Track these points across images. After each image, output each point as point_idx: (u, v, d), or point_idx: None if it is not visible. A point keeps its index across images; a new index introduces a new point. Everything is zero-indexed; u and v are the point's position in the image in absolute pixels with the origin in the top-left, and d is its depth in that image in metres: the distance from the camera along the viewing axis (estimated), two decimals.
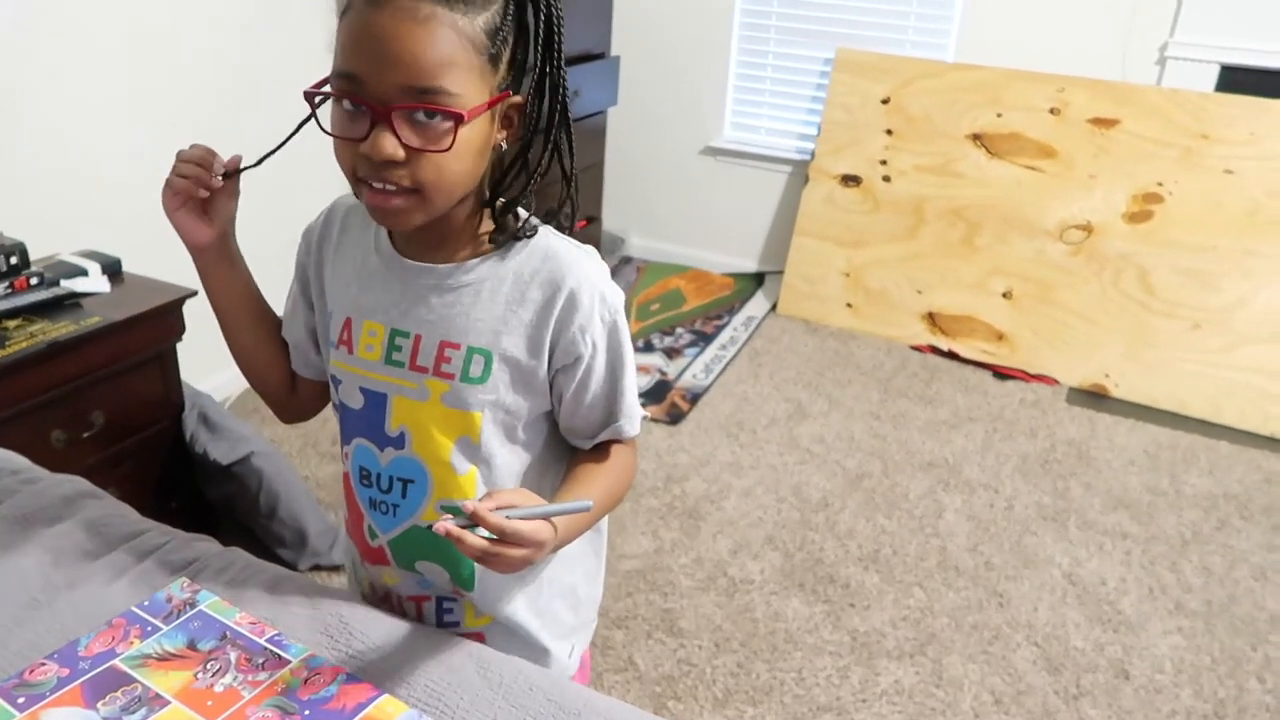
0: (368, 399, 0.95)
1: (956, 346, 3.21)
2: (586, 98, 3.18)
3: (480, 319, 0.91)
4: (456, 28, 0.77)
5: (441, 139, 0.79)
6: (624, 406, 0.97)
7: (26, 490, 1.19)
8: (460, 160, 0.82)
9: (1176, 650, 1.97)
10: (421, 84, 0.77)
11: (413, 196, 0.82)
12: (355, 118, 0.80)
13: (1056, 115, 3.09)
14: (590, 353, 0.92)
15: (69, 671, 0.85)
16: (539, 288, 0.91)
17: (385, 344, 0.94)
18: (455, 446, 0.94)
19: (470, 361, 0.91)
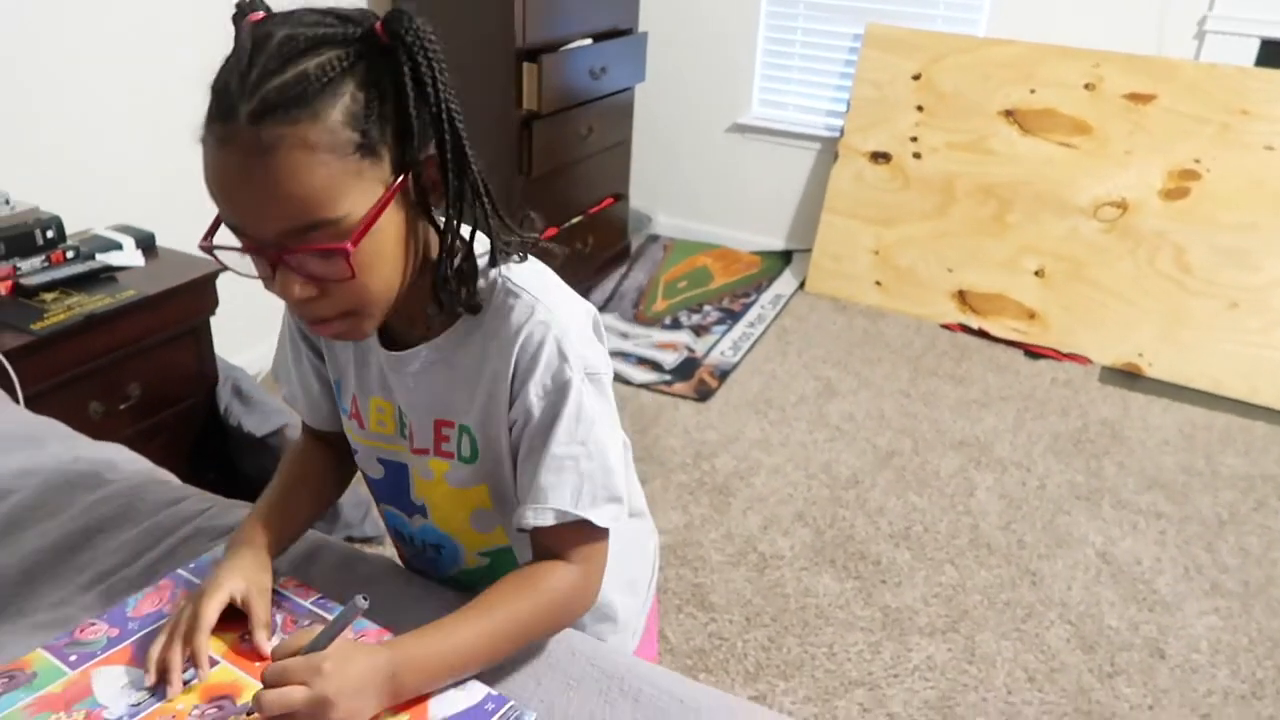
0: (387, 469, 0.95)
1: (987, 325, 3.17)
2: (613, 74, 3.16)
3: (460, 395, 0.86)
4: (310, 142, 0.67)
5: (340, 270, 0.72)
6: (534, 490, 0.83)
7: (68, 458, 1.20)
8: (376, 270, 0.74)
9: (1213, 630, 1.95)
10: (296, 225, 0.69)
11: (350, 317, 0.77)
12: (257, 260, 0.73)
13: (1091, 91, 3.04)
14: (524, 421, 0.84)
15: (118, 631, 0.86)
16: (496, 353, 0.83)
17: (396, 420, 0.91)
18: (470, 518, 0.94)
19: (461, 440, 0.88)
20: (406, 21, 0.70)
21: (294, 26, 0.70)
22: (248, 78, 0.68)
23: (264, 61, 0.68)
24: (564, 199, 3.17)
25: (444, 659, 0.79)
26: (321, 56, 0.68)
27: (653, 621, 1.18)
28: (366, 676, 0.74)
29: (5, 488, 1.12)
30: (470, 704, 0.79)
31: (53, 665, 0.81)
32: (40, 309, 1.71)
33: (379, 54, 0.70)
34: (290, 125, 0.67)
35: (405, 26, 0.70)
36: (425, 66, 0.71)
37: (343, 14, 0.72)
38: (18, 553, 1.02)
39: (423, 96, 0.71)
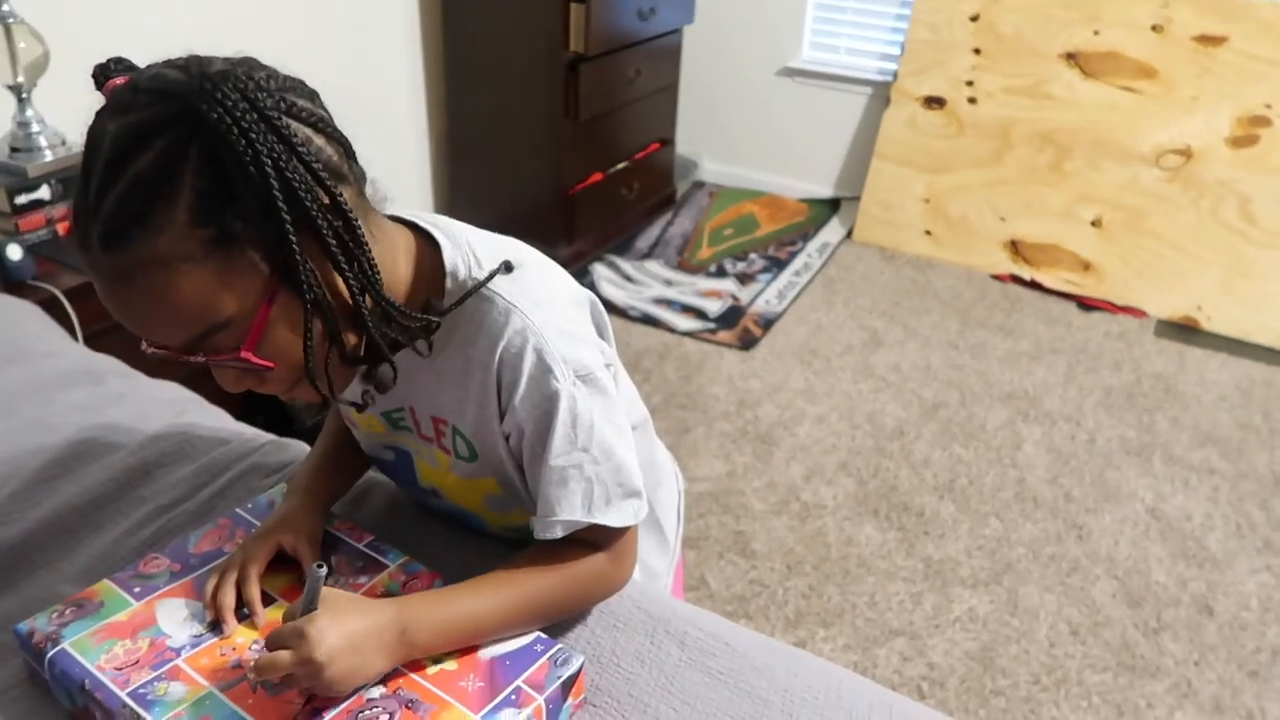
0: (396, 453, 0.94)
1: (1040, 276, 3.11)
2: (662, 15, 3.09)
3: (448, 397, 0.83)
4: (163, 258, 0.62)
5: (252, 369, 0.69)
6: (540, 505, 0.81)
7: (128, 394, 1.23)
8: (292, 354, 0.69)
9: (1264, 588, 1.92)
10: (189, 337, 0.66)
11: (302, 385, 0.73)
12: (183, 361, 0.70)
13: (1159, 33, 2.92)
14: (518, 437, 0.81)
15: (180, 566, 0.88)
16: (477, 364, 0.79)
17: (383, 421, 0.90)
18: (484, 500, 0.93)
19: (456, 441, 0.86)
20: (213, 92, 0.62)
21: (124, 115, 0.64)
22: (88, 195, 0.63)
23: (100, 170, 0.63)
24: (610, 143, 3.14)
25: (457, 624, 0.78)
26: (151, 151, 0.62)
27: (679, 571, 1.19)
28: (361, 634, 0.73)
29: (69, 422, 1.15)
30: (520, 645, 0.81)
31: (119, 595, 0.84)
32: None
33: (205, 128, 0.62)
34: (137, 247, 0.62)
35: (211, 100, 0.61)
36: (244, 144, 0.62)
37: (163, 86, 0.64)
38: (81, 484, 1.05)
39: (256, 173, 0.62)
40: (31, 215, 1.73)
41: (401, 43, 2.84)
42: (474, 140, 3.06)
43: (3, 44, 1.69)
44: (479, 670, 0.78)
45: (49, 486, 1.05)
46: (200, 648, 0.79)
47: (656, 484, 1.07)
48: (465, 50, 2.92)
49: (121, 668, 0.77)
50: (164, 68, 0.66)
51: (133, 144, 0.62)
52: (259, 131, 0.62)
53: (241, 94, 0.63)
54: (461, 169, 3.14)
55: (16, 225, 1.71)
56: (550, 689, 0.77)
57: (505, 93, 2.90)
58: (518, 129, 2.94)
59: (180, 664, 0.78)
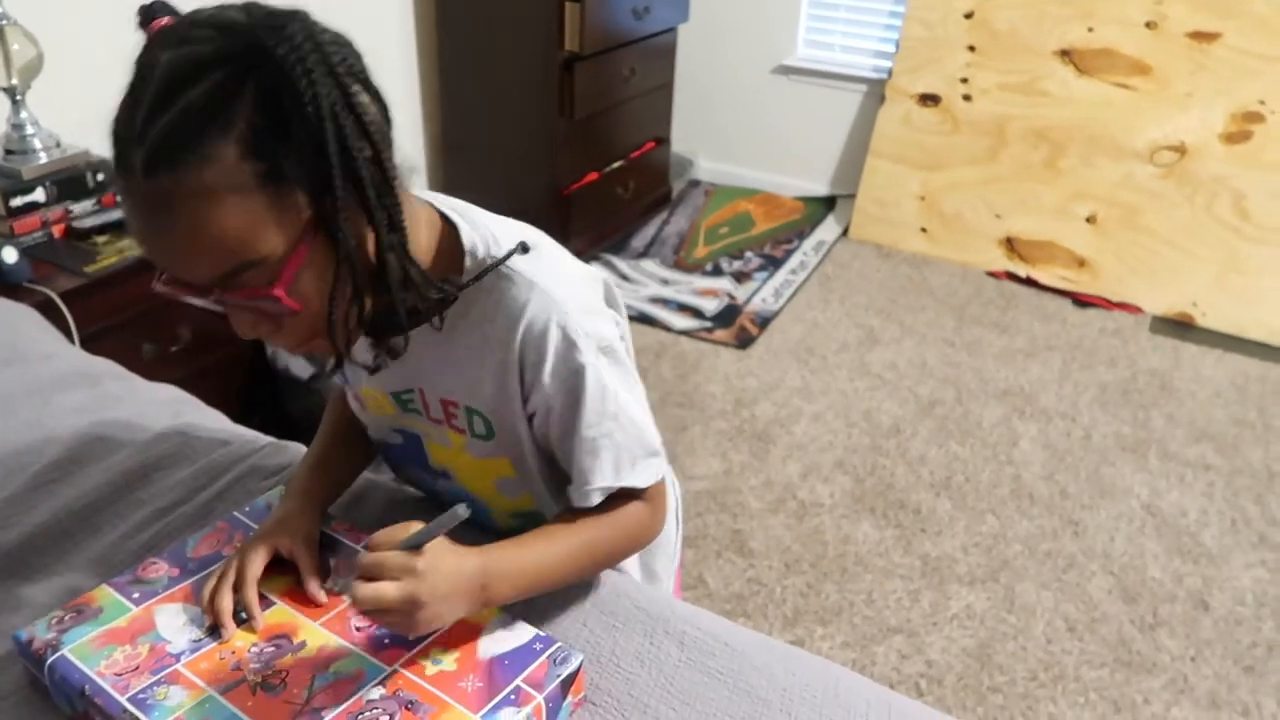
0: (405, 437, 0.94)
1: (1035, 273, 3.11)
2: (656, 15, 3.09)
3: (463, 377, 0.84)
4: (209, 188, 0.62)
5: (280, 309, 0.68)
6: (575, 474, 0.84)
7: (125, 397, 1.23)
8: (321, 298, 0.70)
9: (1259, 583, 1.93)
10: (220, 272, 0.66)
11: (317, 339, 0.73)
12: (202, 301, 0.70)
13: (1153, 29, 2.93)
14: (545, 411, 0.83)
15: (179, 571, 0.88)
16: (497, 342, 0.80)
17: (393, 402, 0.90)
18: (495, 484, 0.93)
19: (472, 420, 0.87)
20: (283, 29, 0.62)
21: (179, 47, 0.64)
22: (134, 121, 0.63)
23: (149, 99, 0.63)
24: (605, 142, 3.14)
25: (532, 572, 0.81)
26: (206, 82, 0.62)
27: (678, 573, 1.20)
28: (457, 581, 0.74)
29: (66, 425, 1.15)
30: (519, 644, 0.81)
31: (117, 601, 0.84)
32: (92, 251, 1.73)
33: (268, 64, 0.62)
34: (184, 173, 0.62)
35: (280, 37, 0.62)
36: (306, 83, 0.62)
37: (224, 22, 0.65)
38: (79, 487, 1.05)
39: (314, 114, 0.63)
40: (27, 218, 1.73)
41: (396, 42, 2.84)
42: (469, 139, 3.06)
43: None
44: (478, 670, 0.78)
45: (46, 490, 1.05)
46: (199, 652, 0.79)
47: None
48: (460, 49, 2.92)
49: (121, 673, 0.77)
50: (221, 9, 0.67)
51: (190, 73, 0.63)
52: (320, 74, 0.63)
53: (307, 35, 0.64)
54: (457, 168, 3.14)
55: (11, 228, 1.71)
56: (550, 687, 0.77)
57: (500, 92, 2.89)
58: (513, 128, 2.94)
59: (180, 668, 0.78)
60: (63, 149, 1.80)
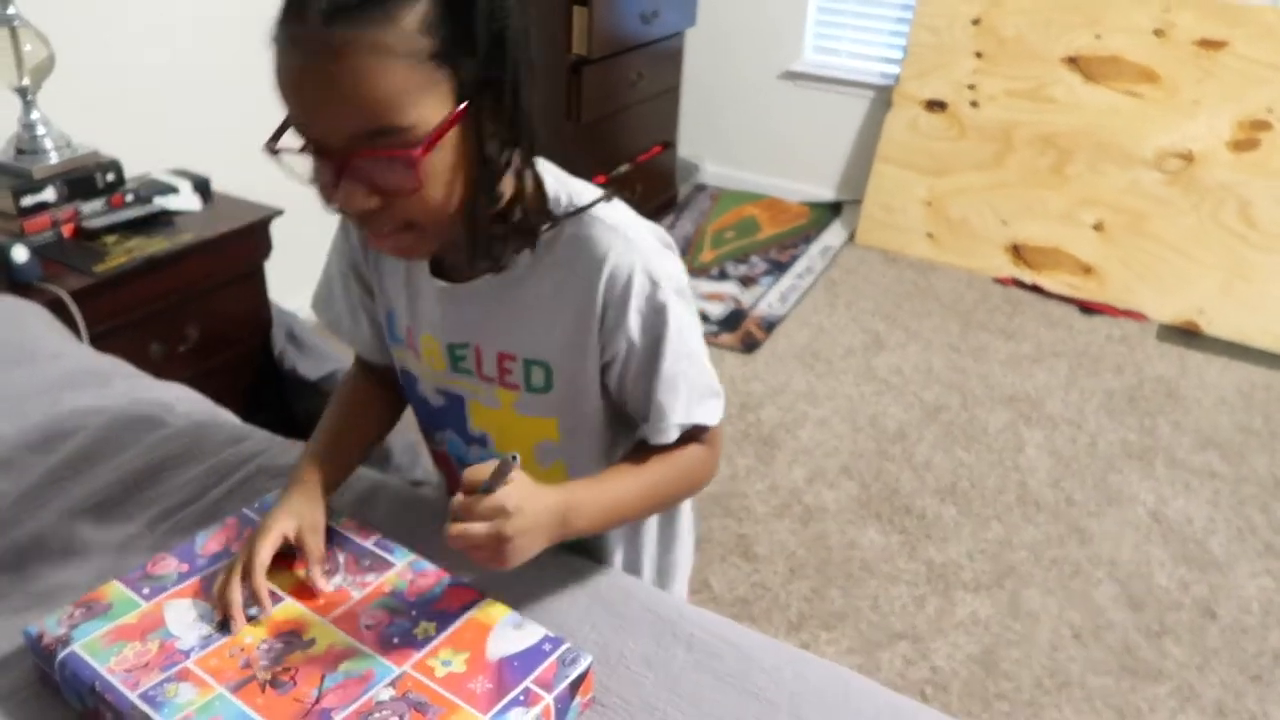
0: (448, 399, 0.95)
1: (1041, 279, 3.11)
2: (663, 19, 3.10)
3: (528, 328, 0.86)
4: (383, 46, 0.66)
5: (407, 179, 0.71)
6: (652, 411, 0.87)
7: (134, 396, 1.23)
8: (438, 189, 0.73)
9: (1265, 592, 1.92)
10: (368, 128, 0.69)
11: (410, 232, 0.76)
12: (322, 165, 0.72)
13: (1161, 37, 2.93)
14: (626, 350, 0.85)
15: (188, 567, 0.89)
16: (576, 286, 0.83)
17: (445, 356, 0.91)
18: (535, 448, 0.94)
19: (530, 373, 0.88)
20: None
21: None
22: None
23: None
24: (612, 146, 3.14)
25: (608, 505, 0.85)
26: None
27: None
28: (542, 517, 0.77)
29: (76, 424, 1.15)
30: (528, 645, 0.81)
31: (127, 597, 0.84)
32: (102, 251, 1.74)
33: None
34: (364, 27, 0.66)
35: None
36: None
37: None
38: (89, 485, 1.06)
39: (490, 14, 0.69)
40: (37, 217, 1.74)
41: None
42: None
43: (8, 47, 1.69)
44: (487, 671, 0.78)
45: (57, 488, 1.06)
46: (209, 649, 0.80)
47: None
48: None
49: (131, 670, 0.77)
50: None
51: None
52: None
53: None
54: None
55: (22, 227, 1.72)
56: (559, 688, 0.77)
57: None
58: None
59: (190, 665, 0.78)
60: (73, 149, 1.80)
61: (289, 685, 0.76)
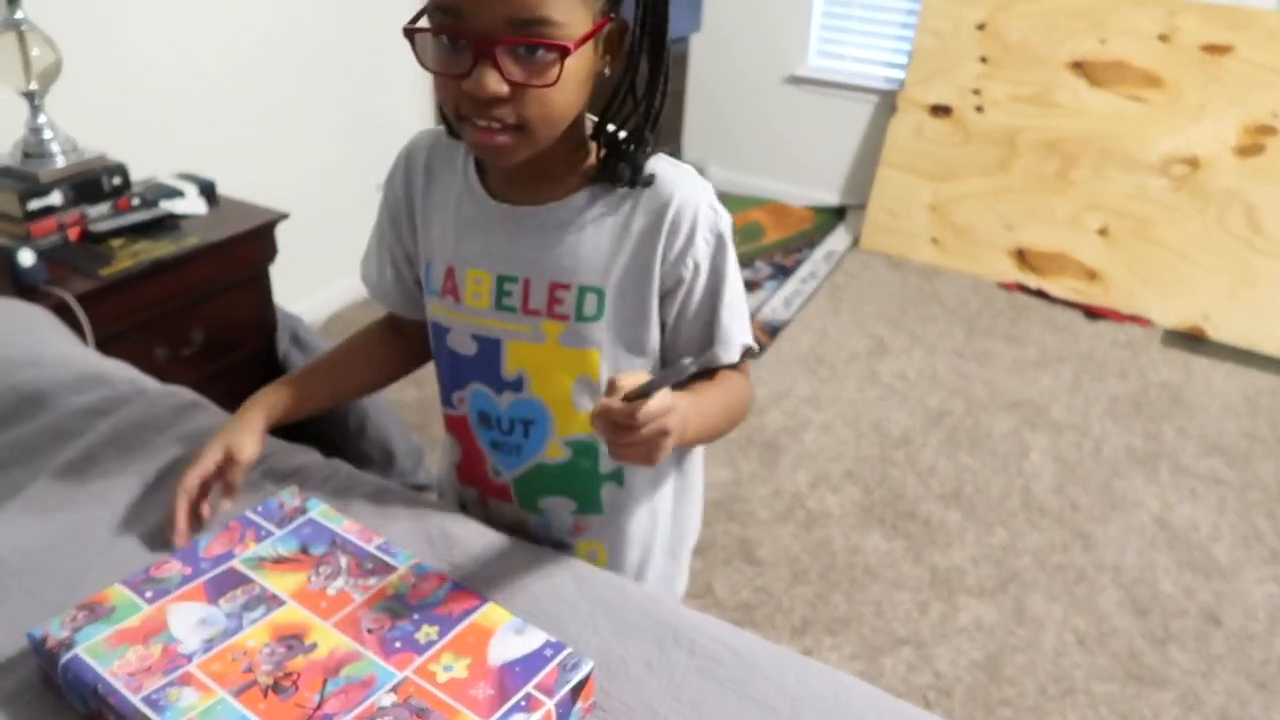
0: (481, 345, 0.95)
1: (1046, 285, 3.11)
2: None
3: (587, 255, 0.89)
4: None
5: (546, 73, 0.75)
6: (720, 332, 0.93)
7: (139, 399, 1.23)
8: (565, 93, 0.78)
9: (1271, 599, 1.92)
10: (524, 15, 0.73)
11: (518, 133, 0.79)
12: (456, 53, 0.76)
13: (1165, 42, 2.93)
14: (691, 275, 0.90)
15: (191, 570, 0.89)
16: (643, 215, 0.88)
17: (493, 291, 0.92)
18: (574, 385, 0.94)
19: (583, 300, 0.90)
20: None
21: None
22: None
23: None
24: None
25: (704, 420, 0.89)
26: None
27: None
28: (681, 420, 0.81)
29: (82, 426, 1.15)
30: (530, 650, 0.81)
31: (131, 600, 0.85)
32: (107, 255, 1.75)
33: None
34: None
35: None
36: None
37: None
38: (93, 489, 1.06)
39: None
40: (43, 221, 1.74)
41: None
42: None
43: (16, 51, 1.70)
44: (489, 677, 0.78)
45: (62, 492, 1.06)
46: (212, 653, 0.80)
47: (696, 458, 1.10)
48: None
49: (134, 673, 0.77)
50: None
51: None
52: None
53: None
54: None
55: (29, 230, 1.72)
56: (560, 694, 0.77)
57: None
58: None
59: (192, 670, 0.78)
60: (80, 153, 1.81)
61: (291, 690, 0.76)
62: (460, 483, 1.07)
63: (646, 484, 1.03)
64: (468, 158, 0.93)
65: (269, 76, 2.41)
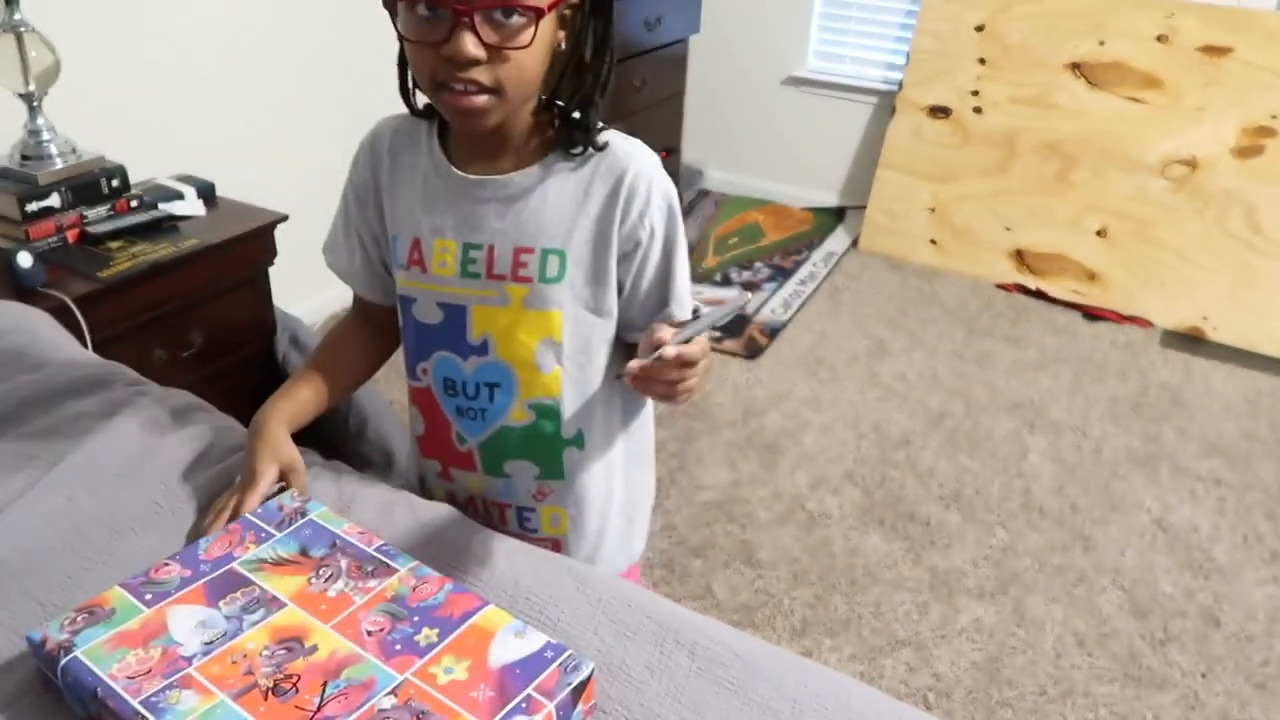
0: (447, 313, 0.99)
1: (1045, 286, 3.11)
2: (668, 25, 3.11)
3: (549, 220, 0.94)
4: None
5: (520, 36, 0.82)
6: (675, 292, 1.00)
7: (139, 402, 1.23)
8: (534, 56, 0.84)
9: (1271, 600, 1.92)
10: None
11: (493, 95, 0.84)
12: (434, 22, 0.81)
13: (1164, 43, 2.93)
14: (648, 238, 0.96)
15: (191, 572, 0.88)
16: (601, 181, 0.94)
17: (459, 258, 0.97)
18: (538, 346, 0.98)
19: (545, 262, 0.95)
20: None
21: None
22: None
23: None
24: None
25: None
26: None
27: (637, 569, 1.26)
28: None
29: (80, 429, 1.15)
30: (530, 652, 0.81)
31: (130, 602, 0.84)
32: (106, 257, 1.74)
33: None
34: None
35: None
36: None
37: None
38: (92, 491, 1.06)
39: None
40: (42, 223, 1.74)
41: None
42: None
43: (14, 53, 1.70)
44: (489, 679, 0.78)
45: (61, 494, 1.06)
46: (211, 655, 0.80)
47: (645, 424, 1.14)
48: None
49: (134, 676, 0.77)
50: None
51: None
52: None
53: None
54: None
55: (27, 233, 1.72)
56: (560, 695, 0.77)
57: None
58: None
59: (192, 672, 0.78)
60: (78, 155, 1.81)
61: (291, 693, 0.76)
62: (424, 456, 1.11)
63: (602, 448, 1.07)
64: (431, 135, 0.98)
65: (268, 77, 2.41)
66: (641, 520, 1.19)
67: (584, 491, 1.07)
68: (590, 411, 1.04)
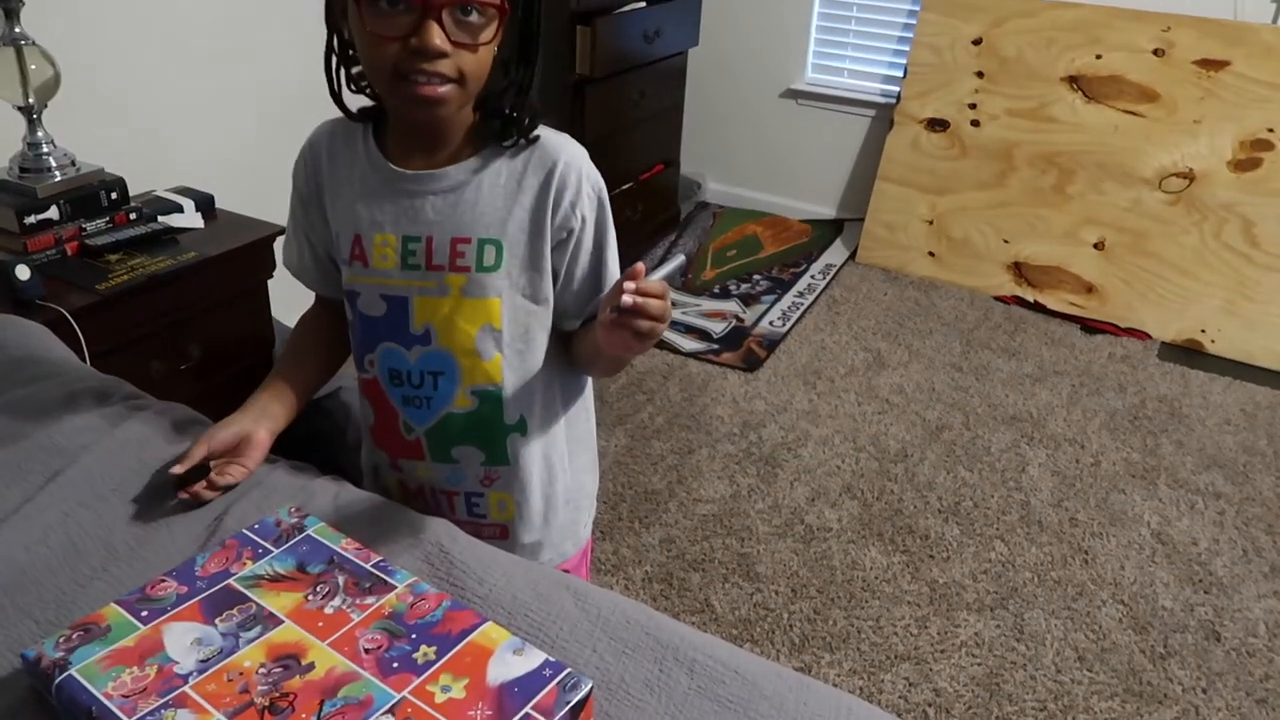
0: (390, 305, 1.02)
1: (1043, 298, 3.11)
2: (667, 38, 3.12)
3: (485, 210, 0.98)
4: None
5: (483, 32, 0.88)
6: (606, 279, 1.04)
7: (136, 415, 1.23)
8: (490, 51, 0.90)
9: (1272, 614, 1.91)
10: None
11: (454, 85, 0.89)
12: (397, 16, 0.86)
13: (1161, 57, 2.94)
14: (580, 226, 1.00)
15: (187, 589, 0.88)
16: (533, 173, 0.98)
17: (399, 251, 1.00)
18: (478, 334, 1.01)
19: (483, 252, 0.99)
20: None
21: None
22: None
23: None
24: (615, 165, 3.15)
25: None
26: None
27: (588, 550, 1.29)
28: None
29: (77, 443, 1.15)
30: (528, 669, 0.80)
31: (126, 619, 0.84)
32: (105, 269, 1.74)
33: None
34: None
35: None
36: None
37: None
38: (89, 506, 1.05)
39: None
40: (40, 235, 1.74)
41: None
42: None
43: (14, 66, 1.70)
44: (487, 698, 0.78)
45: (57, 509, 1.05)
46: (207, 673, 0.79)
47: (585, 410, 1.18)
48: None
49: (129, 695, 0.76)
50: None
51: None
52: None
53: None
54: None
55: (25, 245, 1.72)
56: (559, 714, 0.76)
57: None
58: None
59: (188, 691, 0.77)
60: (77, 167, 1.81)
61: (287, 711, 0.75)
62: (375, 447, 1.15)
63: (544, 432, 1.11)
64: (367, 135, 1.02)
65: (267, 91, 2.41)
66: (588, 506, 1.22)
67: (529, 477, 1.11)
68: (530, 396, 1.07)
